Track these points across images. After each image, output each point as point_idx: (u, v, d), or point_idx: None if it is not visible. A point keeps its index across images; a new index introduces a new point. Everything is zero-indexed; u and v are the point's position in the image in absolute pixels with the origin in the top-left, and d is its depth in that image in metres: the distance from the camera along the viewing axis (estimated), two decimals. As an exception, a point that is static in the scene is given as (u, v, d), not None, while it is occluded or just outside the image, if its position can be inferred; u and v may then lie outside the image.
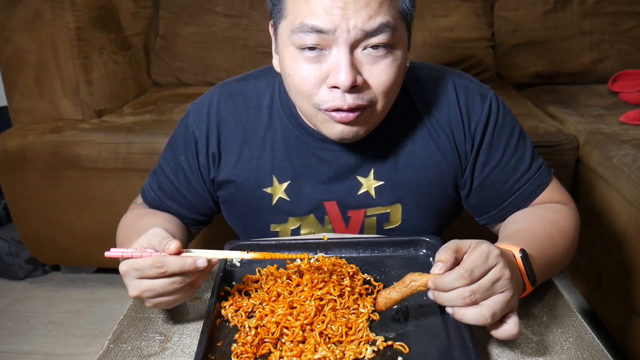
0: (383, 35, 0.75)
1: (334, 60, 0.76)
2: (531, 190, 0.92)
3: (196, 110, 0.96)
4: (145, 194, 1.03)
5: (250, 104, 0.94)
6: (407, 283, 0.69)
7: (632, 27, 2.15)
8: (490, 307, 0.65)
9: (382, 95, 0.80)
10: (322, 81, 0.78)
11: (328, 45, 0.76)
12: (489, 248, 0.67)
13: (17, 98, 1.84)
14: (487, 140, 0.91)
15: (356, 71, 0.76)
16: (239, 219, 1.01)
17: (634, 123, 1.69)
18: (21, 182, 1.80)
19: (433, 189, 0.93)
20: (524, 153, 0.92)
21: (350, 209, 0.94)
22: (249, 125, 0.93)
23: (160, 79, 2.25)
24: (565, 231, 0.88)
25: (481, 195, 0.94)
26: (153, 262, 0.69)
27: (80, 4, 1.77)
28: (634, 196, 1.39)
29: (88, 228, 1.84)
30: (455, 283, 0.64)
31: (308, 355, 0.66)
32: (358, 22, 0.73)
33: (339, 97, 0.78)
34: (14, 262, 2.01)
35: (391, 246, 0.89)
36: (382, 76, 0.78)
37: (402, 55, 0.80)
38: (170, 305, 0.74)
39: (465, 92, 0.91)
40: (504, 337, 0.67)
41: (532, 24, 2.16)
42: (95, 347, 1.66)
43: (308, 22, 0.74)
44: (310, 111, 0.82)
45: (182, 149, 0.96)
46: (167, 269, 0.68)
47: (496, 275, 0.65)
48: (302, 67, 0.78)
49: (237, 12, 2.18)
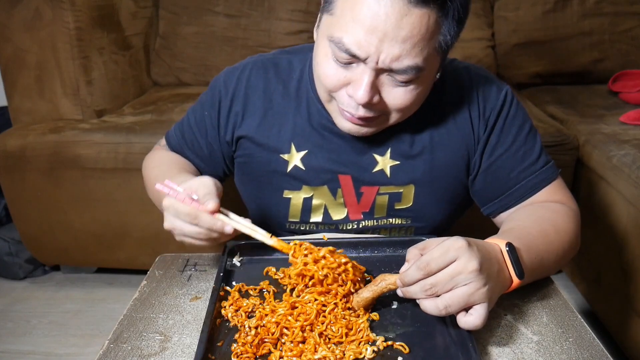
0: (408, 75, 0.79)
1: (359, 76, 0.80)
2: (536, 182, 0.94)
3: (228, 72, 1.01)
4: (170, 139, 1.10)
5: (281, 75, 0.98)
6: (377, 282, 0.73)
7: (632, 27, 2.15)
8: (445, 300, 0.68)
9: (396, 112, 0.85)
10: (344, 84, 0.83)
11: (358, 61, 0.79)
12: (452, 242, 0.69)
13: (17, 98, 1.84)
14: (498, 127, 0.94)
15: (375, 90, 0.81)
16: (252, 181, 1.03)
17: (634, 123, 1.69)
18: (21, 182, 1.80)
19: (447, 172, 0.96)
20: (533, 146, 0.95)
21: (363, 185, 0.97)
22: (276, 95, 0.98)
23: (160, 79, 2.26)
24: (563, 230, 0.88)
25: (486, 179, 0.96)
26: (190, 212, 0.78)
27: (80, 4, 1.77)
28: (634, 196, 1.39)
29: (88, 228, 1.84)
30: (414, 275, 0.68)
31: (308, 355, 0.66)
32: (387, 59, 0.76)
33: (354, 105, 0.83)
34: (14, 262, 2.01)
35: (391, 246, 0.89)
36: (399, 100, 0.82)
37: (427, 81, 0.84)
38: (192, 245, 0.82)
39: (484, 82, 0.95)
40: (466, 327, 0.69)
41: (532, 24, 2.16)
42: (95, 347, 1.67)
43: (346, 42, 0.77)
44: (326, 97, 0.88)
45: (208, 105, 1.02)
46: (198, 222, 0.78)
47: (457, 268, 0.67)
48: (331, 65, 0.82)
49: (237, 12, 2.18)
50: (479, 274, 0.67)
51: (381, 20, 0.74)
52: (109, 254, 1.89)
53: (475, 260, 0.67)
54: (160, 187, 0.82)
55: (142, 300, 0.83)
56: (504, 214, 0.97)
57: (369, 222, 1.00)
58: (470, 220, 1.13)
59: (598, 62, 2.15)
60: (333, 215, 1.00)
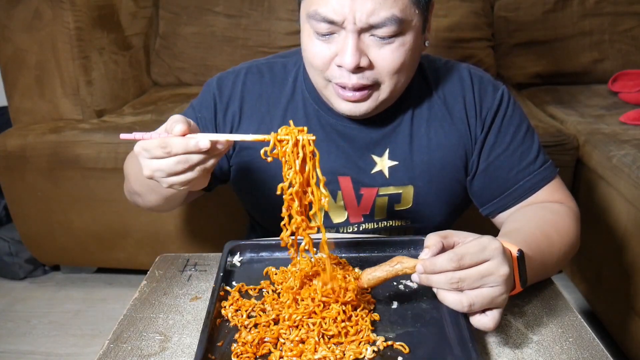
0: (388, 28, 0.80)
1: (342, 43, 0.82)
2: (534, 182, 0.94)
3: (222, 77, 1.00)
4: None
5: (276, 78, 0.99)
6: (393, 264, 0.71)
7: (632, 27, 2.15)
8: (471, 298, 0.66)
9: (388, 77, 0.85)
10: (332, 59, 0.84)
11: (338, 30, 0.81)
12: (489, 241, 0.67)
13: (17, 98, 1.84)
14: (495, 127, 0.94)
15: (361, 53, 0.82)
16: (252, 187, 1.02)
17: (634, 123, 1.69)
18: (21, 182, 1.80)
19: (445, 172, 0.96)
20: (531, 146, 0.95)
21: (363, 186, 0.97)
22: (273, 98, 0.98)
23: (160, 79, 2.25)
24: (564, 232, 0.88)
25: (485, 180, 0.96)
26: (159, 143, 0.71)
27: (80, 4, 1.77)
28: (634, 196, 1.39)
29: (88, 228, 1.84)
30: (444, 265, 0.66)
31: (308, 355, 0.66)
32: (363, 16, 0.78)
33: (345, 75, 0.83)
34: (14, 262, 2.01)
35: (391, 246, 0.89)
36: (387, 59, 0.83)
37: (412, 39, 0.83)
38: (186, 186, 0.74)
39: (480, 81, 0.96)
40: (477, 326, 0.69)
41: (532, 24, 2.16)
42: (95, 347, 1.66)
43: (321, 11, 0.80)
44: (322, 82, 0.88)
45: (202, 107, 1.00)
46: (171, 149, 0.70)
47: (490, 269, 0.66)
48: (316, 44, 0.84)
49: (237, 12, 2.18)
50: (506, 280, 0.67)
51: None
52: (109, 254, 1.89)
53: (507, 266, 0.67)
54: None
55: (142, 300, 0.83)
56: (503, 215, 0.97)
57: (369, 225, 0.99)
58: (470, 221, 1.13)
59: (598, 62, 2.15)
60: (334, 218, 0.99)
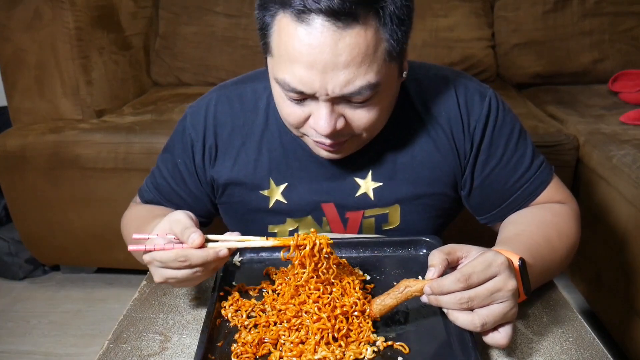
0: (363, 95, 0.74)
1: (315, 109, 0.77)
2: (532, 189, 0.92)
3: (193, 113, 0.95)
4: (143, 194, 1.02)
5: (247, 107, 0.93)
6: (401, 289, 0.70)
7: (632, 27, 2.15)
8: (483, 317, 0.65)
9: (366, 130, 0.81)
10: (306, 119, 0.80)
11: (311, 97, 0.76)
12: (494, 257, 0.66)
13: (17, 98, 1.84)
14: (487, 140, 0.90)
15: (337, 116, 0.77)
16: (236, 221, 1.01)
17: (634, 123, 1.69)
18: (21, 182, 1.80)
19: (432, 190, 0.93)
20: (525, 152, 0.92)
21: (348, 210, 0.94)
22: (246, 129, 0.93)
23: (160, 79, 2.26)
24: (565, 234, 0.87)
25: (482, 195, 0.94)
26: (176, 256, 0.70)
27: (80, 4, 1.77)
28: (634, 196, 1.39)
29: (88, 228, 1.84)
30: (452, 287, 0.65)
31: (308, 355, 0.66)
32: (336, 88, 0.72)
33: (322, 136, 0.79)
34: (14, 262, 2.01)
35: (391, 246, 0.89)
36: (363, 119, 0.79)
37: (388, 94, 0.80)
38: (191, 285, 0.79)
39: (465, 92, 0.90)
40: (490, 344, 0.68)
41: (532, 24, 2.16)
42: (95, 347, 1.66)
43: (290, 82, 0.74)
44: (298, 133, 0.85)
45: (179, 151, 0.96)
46: (190, 262, 0.70)
47: (497, 285, 0.65)
48: (287, 104, 0.79)
49: (237, 12, 2.18)
50: (514, 293, 0.66)
51: (317, 53, 0.70)
52: (108, 254, 1.89)
53: (514, 280, 0.66)
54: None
55: (142, 300, 0.83)
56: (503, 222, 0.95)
57: None
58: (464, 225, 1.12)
59: (598, 62, 2.15)
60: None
